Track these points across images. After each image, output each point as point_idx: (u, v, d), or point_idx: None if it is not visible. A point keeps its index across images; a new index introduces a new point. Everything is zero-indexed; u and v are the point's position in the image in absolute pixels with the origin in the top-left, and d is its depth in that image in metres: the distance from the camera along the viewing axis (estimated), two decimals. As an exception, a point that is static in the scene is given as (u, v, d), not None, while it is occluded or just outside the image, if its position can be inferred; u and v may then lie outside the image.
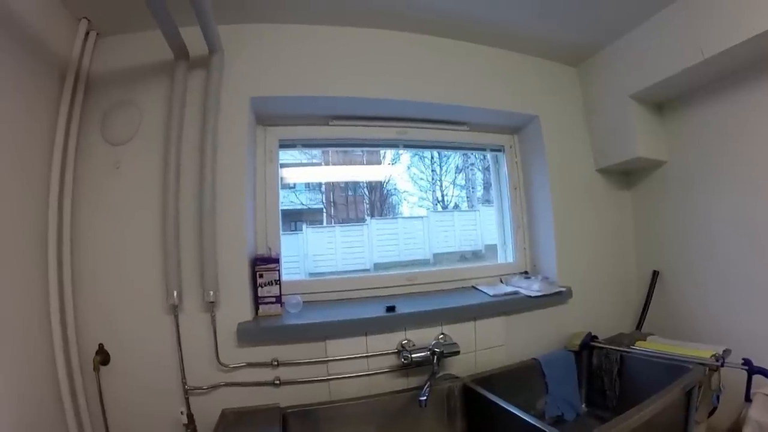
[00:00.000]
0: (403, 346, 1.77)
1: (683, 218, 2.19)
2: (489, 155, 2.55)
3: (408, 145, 2.35)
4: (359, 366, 1.74)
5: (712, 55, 1.74)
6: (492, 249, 2.56)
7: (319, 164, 2.55)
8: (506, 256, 2.46)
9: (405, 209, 2.77)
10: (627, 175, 2.50)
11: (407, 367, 1.74)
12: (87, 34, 1.68)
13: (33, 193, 1.47)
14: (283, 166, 2.09)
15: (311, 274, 2.25)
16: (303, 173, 2.57)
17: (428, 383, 1.56)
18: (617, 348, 1.94)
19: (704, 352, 1.70)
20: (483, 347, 1.94)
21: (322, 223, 2.60)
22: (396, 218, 2.71)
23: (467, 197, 2.87)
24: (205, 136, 1.66)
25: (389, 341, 1.78)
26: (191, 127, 1.70)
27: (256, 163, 1.96)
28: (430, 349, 1.70)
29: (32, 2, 1.43)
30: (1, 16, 1.29)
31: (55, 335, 1.47)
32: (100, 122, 1.69)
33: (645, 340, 1.96)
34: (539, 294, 2.01)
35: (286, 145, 2.10)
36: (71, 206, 1.60)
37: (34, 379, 1.39)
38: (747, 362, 1.65)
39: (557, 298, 2.08)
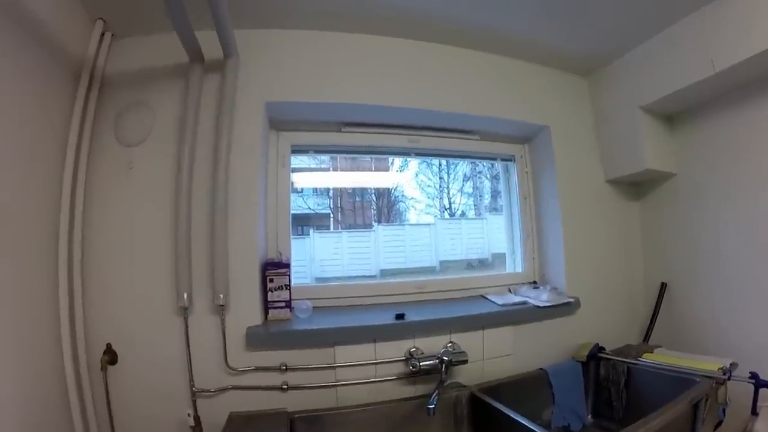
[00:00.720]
0: (411, 353, 1.77)
1: (692, 230, 2.19)
2: (499, 165, 2.55)
3: (419, 154, 2.35)
4: (367, 373, 1.74)
5: (723, 69, 1.74)
6: (499, 257, 2.56)
7: (328, 169, 2.55)
8: (515, 265, 2.46)
9: (412, 216, 2.77)
10: (636, 186, 2.50)
11: (415, 375, 1.74)
12: (102, 34, 1.69)
13: (45, 193, 1.47)
14: (292, 170, 2.09)
15: (317, 279, 2.25)
16: (312, 178, 2.56)
17: (437, 391, 1.56)
18: (624, 359, 1.94)
19: (711, 365, 1.70)
20: (491, 356, 1.93)
21: (329, 228, 2.60)
22: (403, 225, 2.71)
23: (474, 205, 2.86)
24: (218, 140, 1.66)
25: (398, 349, 1.78)
26: (205, 130, 1.70)
27: (268, 168, 1.96)
28: (438, 358, 1.70)
29: (48, 2, 1.43)
30: (18, 15, 1.30)
31: (64, 334, 1.47)
32: (114, 123, 1.69)
33: (652, 352, 1.96)
34: (548, 304, 2.00)
35: (297, 150, 2.11)
36: (83, 206, 1.60)
37: (42, 377, 1.39)
38: (754, 376, 1.65)
39: (565, 308, 2.08)
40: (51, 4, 1.44)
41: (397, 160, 2.62)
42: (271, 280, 1.75)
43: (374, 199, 2.76)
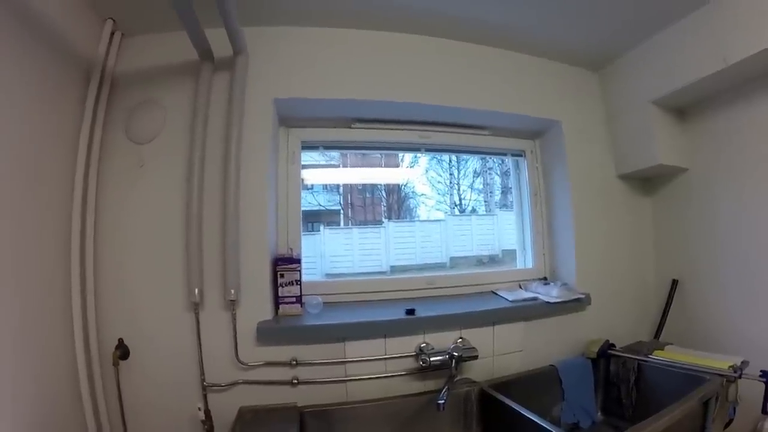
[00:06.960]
0: (421, 349, 1.77)
1: (704, 226, 2.17)
2: (510, 160, 2.54)
3: (429, 149, 2.35)
4: (377, 368, 1.75)
5: (735, 62, 1.72)
6: (509, 254, 2.56)
7: (338, 166, 2.56)
8: (525, 261, 2.45)
9: (422, 212, 2.77)
10: (648, 181, 2.48)
11: (425, 371, 1.74)
12: (112, 34, 1.70)
13: (58, 191, 1.49)
14: (302, 167, 2.09)
15: (327, 275, 2.26)
16: (321, 174, 2.57)
17: (446, 387, 1.57)
18: (635, 357, 1.93)
19: (722, 363, 1.69)
20: (501, 352, 1.93)
21: (339, 225, 2.61)
22: (413, 221, 2.72)
23: (485, 201, 2.86)
24: (229, 137, 1.67)
25: (408, 344, 1.78)
26: (215, 127, 1.71)
27: (278, 164, 1.97)
28: (448, 353, 1.71)
29: (58, 3, 1.45)
30: (28, 16, 1.31)
31: (76, 330, 1.50)
32: (125, 121, 1.71)
33: (663, 350, 1.95)
34: (558, 300, 1.99)
35: (308, 146, 2.11)
36: (95, 203, 1.62)
37: (54, 372, 1.41)
38: (765, 374, 1.64)
39: (576, 304, 2.07)
40: (60, 6, 1.46)
41: (408, 156, 2.62)
42: (282, 276, 1.76)
43: (384, 195, 2.76)
